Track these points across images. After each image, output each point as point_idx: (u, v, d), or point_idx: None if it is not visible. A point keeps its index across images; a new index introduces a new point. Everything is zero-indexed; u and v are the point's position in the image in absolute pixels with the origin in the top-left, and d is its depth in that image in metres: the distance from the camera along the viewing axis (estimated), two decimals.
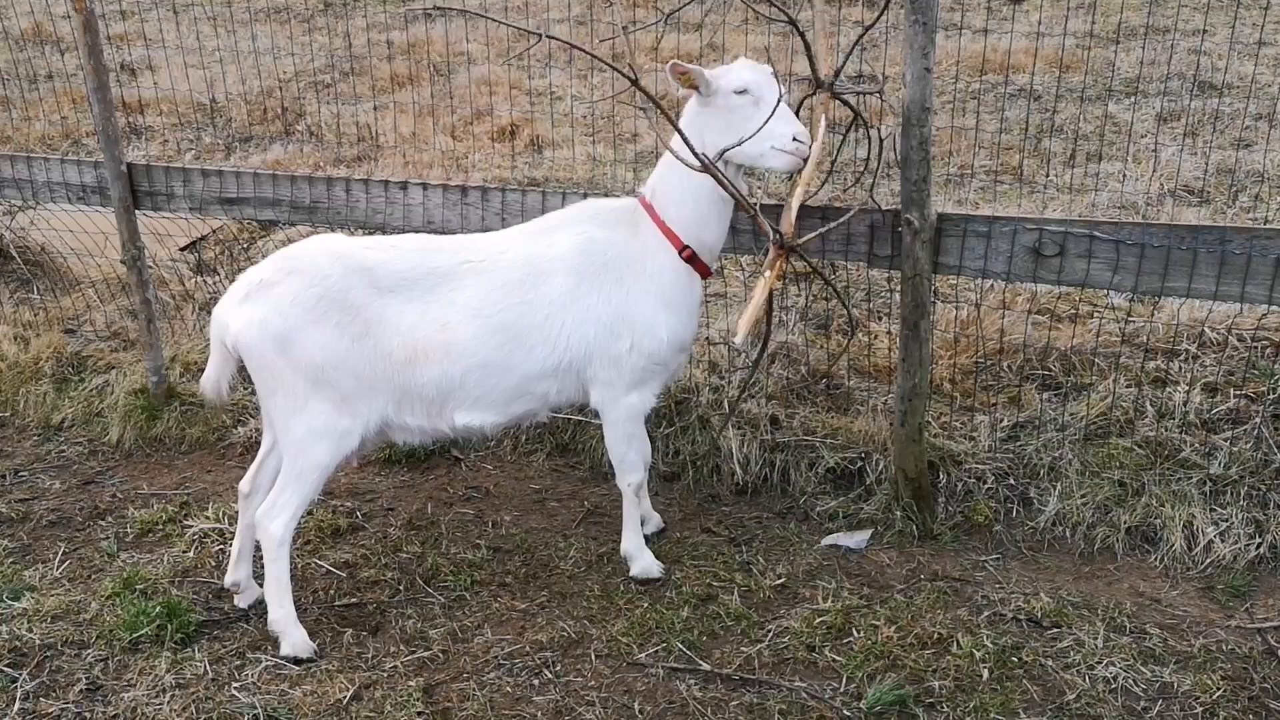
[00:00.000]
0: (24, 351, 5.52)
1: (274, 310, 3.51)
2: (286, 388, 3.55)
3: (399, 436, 3.78)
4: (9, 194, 5.36)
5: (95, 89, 4.75)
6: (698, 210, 3.72)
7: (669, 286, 3.74)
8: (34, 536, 4.35)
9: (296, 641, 3.63)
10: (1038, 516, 4.17)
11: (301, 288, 3.52)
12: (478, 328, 3.61)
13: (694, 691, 3.42)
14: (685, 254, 3.73)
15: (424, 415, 3.69)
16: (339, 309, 3.53)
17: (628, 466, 3.91)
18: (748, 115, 3.57)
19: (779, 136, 3.57)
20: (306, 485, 3.61)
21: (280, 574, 3.64)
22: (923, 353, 4.03)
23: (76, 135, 9.00)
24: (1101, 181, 6.36)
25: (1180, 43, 8.66)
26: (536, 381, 3.72)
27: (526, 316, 3.65)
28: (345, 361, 3.54)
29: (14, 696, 3.45)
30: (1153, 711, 3.28)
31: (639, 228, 3.77)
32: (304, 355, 3.51)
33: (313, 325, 3.51)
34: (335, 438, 3.59)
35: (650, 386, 3.83)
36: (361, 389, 3.58)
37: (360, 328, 3.55)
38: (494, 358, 3.64)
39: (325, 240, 3.71)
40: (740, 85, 3.58)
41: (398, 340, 3.58)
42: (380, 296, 3.58)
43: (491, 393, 3.68)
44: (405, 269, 3.62)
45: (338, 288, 3.53)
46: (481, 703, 3.39)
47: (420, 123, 8.53)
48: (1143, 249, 3.70)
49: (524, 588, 3.95)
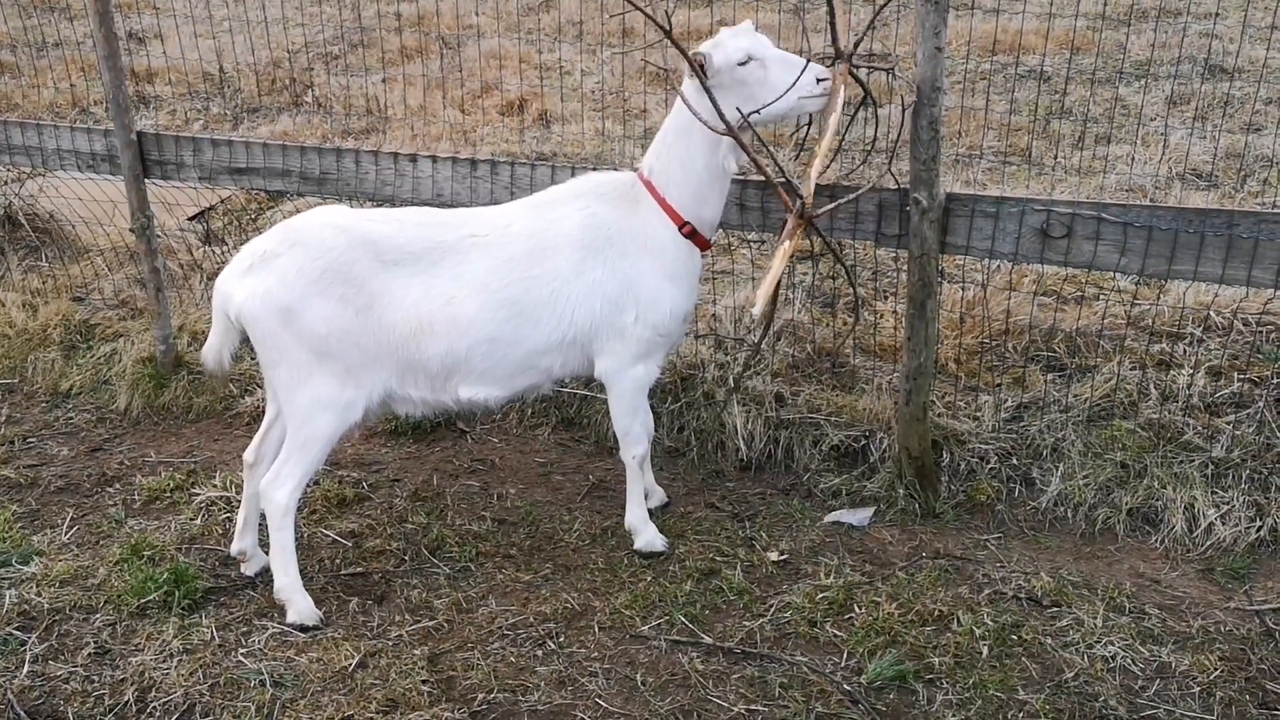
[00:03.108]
0: (32, 319, 5.54)
1: (278, 282, 3.51)
2: (290, 359, 3.57)
3: (402, 409, 3.80)
4: (19, 161, 5.37)
5: (106, 56, 4.75)
6: (698, 188, 3.74)
7: (671, 260, 3.77)
8: (42, 502, 4.38)
9: (302, 609, 3.67)
10: (1040, 497, 4.19)
11: (306, 260, 3.52)
12: (484, 302, 3.63)
13: (696, 664, 3.46)
14: (685, 230, 3.76)
15: (428, 388, 3.71)
16: (343, 282, 3.54)
17: (632, 439, 3.94)
18: (760, 79, 3.59)
19: (803, 86, 3.59)
20: (310, 456, 3.64)
21: (285, 542, 3.67)
22: (928, 332, 4.04)
23: (84, 103, 8.99)
24: (1110, 164, 6.35)
25: (1192, 26, 8.62)
26: (542, 355, 3.74)
27: (533, 291, 3.67)
28: (349, 334, 3.56)
29: (23, 659, 3.49)
30: (1150, 691, 3.31)
31: (639, 203, 3.78)
32: (308, 327, 3.52)
33: (317, 298, 3.52)
34: (339, 409, 3.61)
35: (655, 358, 3.86)
36: (365, 361, 3.60)
37: (364, 300, 3.56)
38: (500, 332, 3.65)
39: (329, 212, 3.71)
40: (742, 55, 3.58)
41: (401, 314, 3.60)
42: (385, 270, 3.59)
43: (497, 367, 3.70)
44: (409, 242, 3.63)
45: (342, 260, 3.54)
46: (485, 672, 3.43)
47: (428, 96, 8.52)
48: (1150, 231, 3.70)
49: (528, 560, 3.98)
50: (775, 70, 3.59)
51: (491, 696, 3.34)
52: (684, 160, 3.72)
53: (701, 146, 3.70)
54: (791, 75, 3.57)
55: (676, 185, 3.75)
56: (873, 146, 3.93)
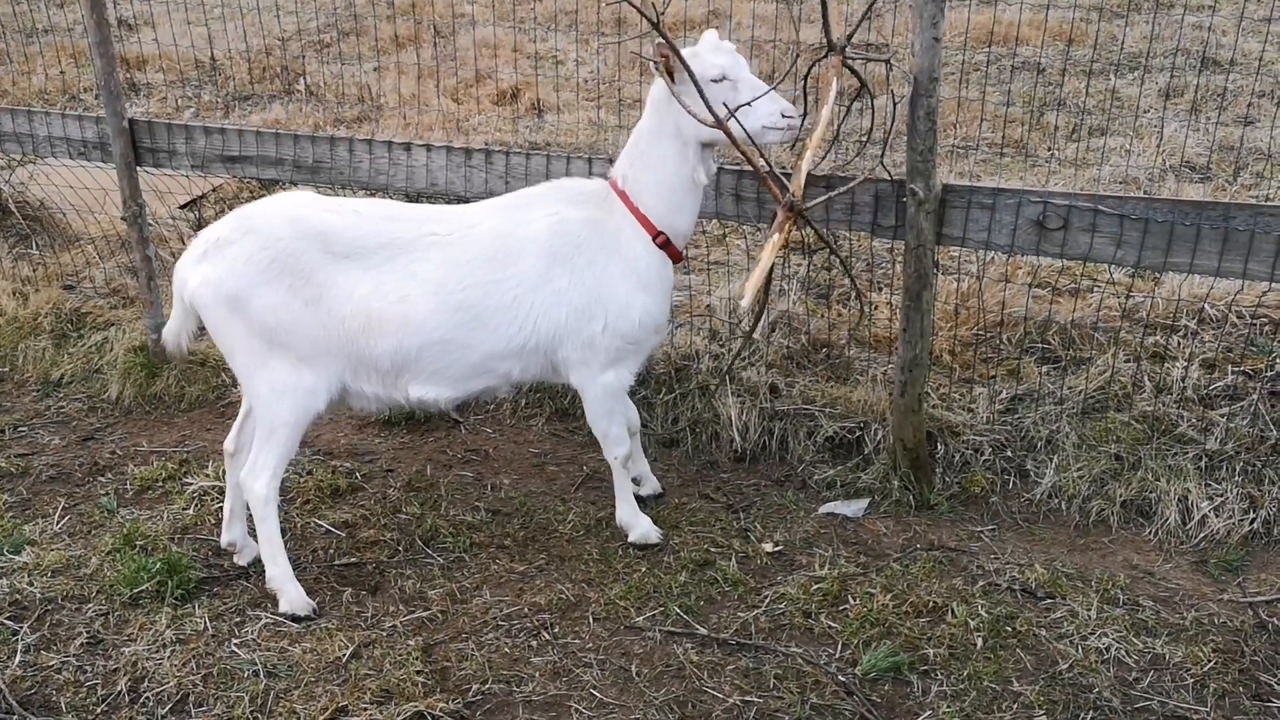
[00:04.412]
0: (23, 307, 5.51)
1: (228, 270, 3.50)
2: (244, 347, 3.57)
3: (357, 404, 3.76)
4: (9, 148, 5.32)
5: (98, 43, 4.71)
6: (672, 199, 3.70)
7: (644, 270, 3.71)
8: (34, 491, 4.36)
9: (294, 599, 3.66)
10: (1034, 488, 4.20)
11: (255, 249, 3.50)
12: (438, 303, 3.57)
13: (691, 655, 3.46)
14: (659, 240, 3.72)
15: (379, 384, 3.67)
16: (291, 272, 3.51)
17: (611, 441, 3.92)
18: (730, 100, 3.54)
19: (769, 116, 3.56)
20: (280, 443, 3.62)
21: (271, 533, 3.66)
22: (924, 324, 4.03)
23: (75, 90, 8.93)
24: (1104, 156, 6.35)
25: (1187, 18, 8.62)
26: (499, 360, 3.69)
27: (493, 296, 3.61)
28: (297, 325, 3.53)
29: (15, 649, 3.48)
30: (1144, 682, 3.32)
31: (612, 212, 3.73)
32: (256, 317, 3.51)
33: (265, 287, 3.49)
34: (299, 395, 3.59)
35: (627, 365, 3.81)
36: (317, 353, 3.57)
37: (312, 292, 3.53)
38: (454, 335, 3.60)
39: (286, 200, 3.68)
40: (717, 73, 3.54)
41: (350, 308, 3.55)
42: (334, 262, 3.54)
43: (450, 369, 3.65)
44: (363, 236, 3.58)
45: (289, 250, 3.51)
46: (480, 663, 3.42)
47: (421, 84, 8.48)
48: (1146, 224, 3.70)
49: (522, 550, 3.98)
50: (745, 94, 3.54)
51: (486, 687, 3.34)
52: (656, 168, 3.68)
53: (672, 154, 3.66)
54: (766, 103, 3.54)
55: (650, 194, 3.70)
56: (869, 138, 3.92)
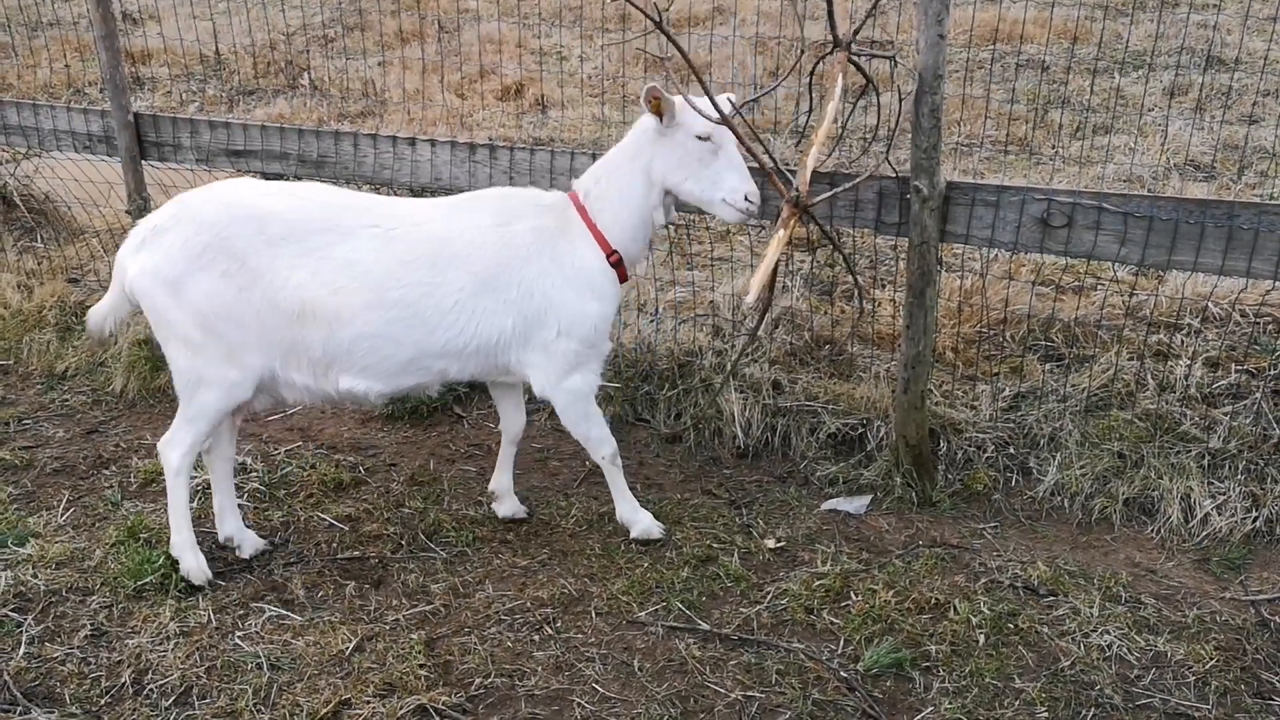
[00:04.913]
0: (28, 300, 5.52)
1: (164, 257, 3.51)
2: (177, 335, 3.58)
3: (288, 394, 3.73)
4: (15, 141, 5.34)
5: (103, 36, 4.72)
6: (630, 223, 3.69)
7: (597, 279, 3.69)
8: (38, 484, 4.37)
9: (191, 567, 3.73)
10: (1037, 486, 4.20)
11: (190, 234, 3.50)
12: (374, 299, 3.54)
13: (693, 650, 3.46)
14: (613, 259, 3.69)
15: (310, 374, 3.64)
16: (226, 257, 3.50)
17: (594, 443, 3.88)
18: (703, 160, 3.54)
19: (732, 191, 3.56)
20: (198, 427, 3.67)
21: (178, 502, 3.73)
22: (927, 321, 4.04)
23: (79, 84, 8.95)
24: (1108, 155, 6.35)
25: (1192, 16, 8.61)
26: (433, 359, 3.65)
27: (433, 297, 3.57)
28: (231, 311, 3.52)
29: (19, 640, 3.49)
30: (1146, 680, 3.32)
31: (568, 223, 3.71)
32: (191, 303, 3.51)
33: (200, 273, 3.49)
34: (225, 387, 3.60)
35: (591, 367, 3.76)
36: (249, 340, 3.56)
37: (246, 278, 3.51)
38: (387, 331, 3.57)
39: (224, 186, 3.68)
40: (704, 131, 3.54)
41: (285, 295, 3.52)
42: (269, 247, 3.51)
43: (381, 364, 3.62)
44: (300, 221, 3.55)
45: (223, 235, 3.50)
46: (483, 656, 3.43)
47: (425, 79, 8.48)
48: (1151, 222, 3.70)
49: (525, 545, 3.98)
50: (720, 164, 3.55)
51: (489, 681, 3.34)
52: (623, 193, 3.67)
53: (639, 188, 3.66)
54: (734, 177, 3.56)
55: (609, 215, 3.69)
56: (875, 135, 3.92)
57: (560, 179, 4.39)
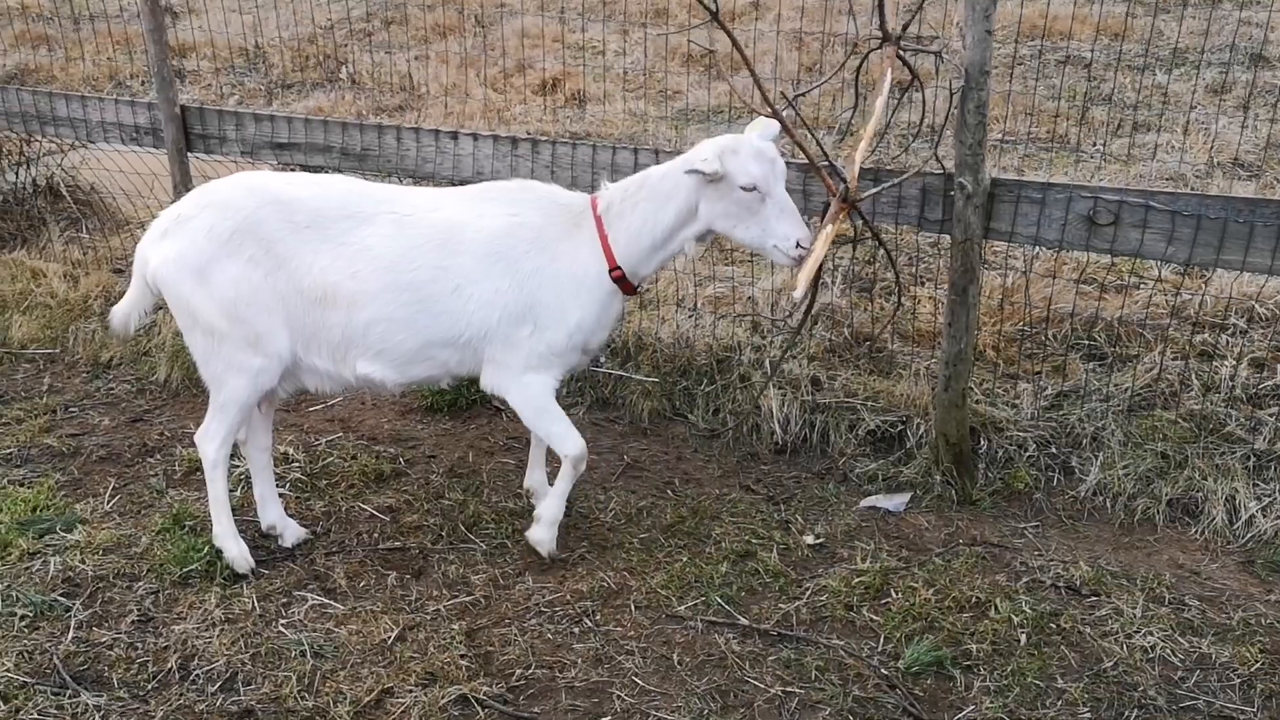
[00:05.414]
0: (74, 289, 5.59)
1: (189, 244, 3.54)
2: (204, 324, 3.60)
3: (310, 381, 3.77)
4: (64, 133, 5.40)
5: (151, 29, 4.77)
6: (643, 248, 3.63)
7: (588, 290, 3.64)
8: (84, 471, 4.43)
9: (234, 556, 3.77)
10: (1078, 485, 4.18)
11: (216, 220, 3.54)
12: (388, 282, 3.57)
13: (732, 645, 3.47)
14: (615, 274, 3.64)
15: (330, 359, 3.68)
16: (252, 242, 3.54)
17: (557, 440, 3.74)
18: (751, 209, 3.47)
19: (784, 239, 3.49)
20: (230, 416, 3.70)
21: (217, 494, 3.77)
22: (970, 318, 4.02)
23: (120, 77, 9.04)
24: (1150, 153, 6.29)
25: (1233, 14, 8.51)
26: (439, 349, 3.66)
27: (438, 281, 3.59)
28: (258, 296, 3.55)
29: (68, 625, 3.54)
30: (1190, 681, 3.30)
31: (579, 228, 3.67)
32: (218, 290, 3.54)
33: (227, 259, 3.53)
34: (251, 374, 3.62)
35: (550, 370, 3.70)
36: (274, 326, 3.59)
37: (272, 262, 3.55)
38: (398, 315, 3.59)
39: (248, 175, 3.72)
40: (749, 183, 3.44)
41: (309, 280, 3.57)
42: (295, 233, 3.56)
43: (393, 350, 3.64)
44: (323, 208, 3.59)
45: (250, 220, 3.54)
46: (523, 648, 3.45)
47: (461, 74, 8.51)
48: (1199, 220, 3.67)
49: (564, 538, 3.99)
50: (769, 211, 3.47)
51: (529, 672, 3.36)
52: (646, 223, 3.60)
53: (669, 224, 3.59)
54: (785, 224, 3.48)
55: (626, 234, 3.62)
56: (919, 131, 3.90)
57: (601, 174, 4.40)
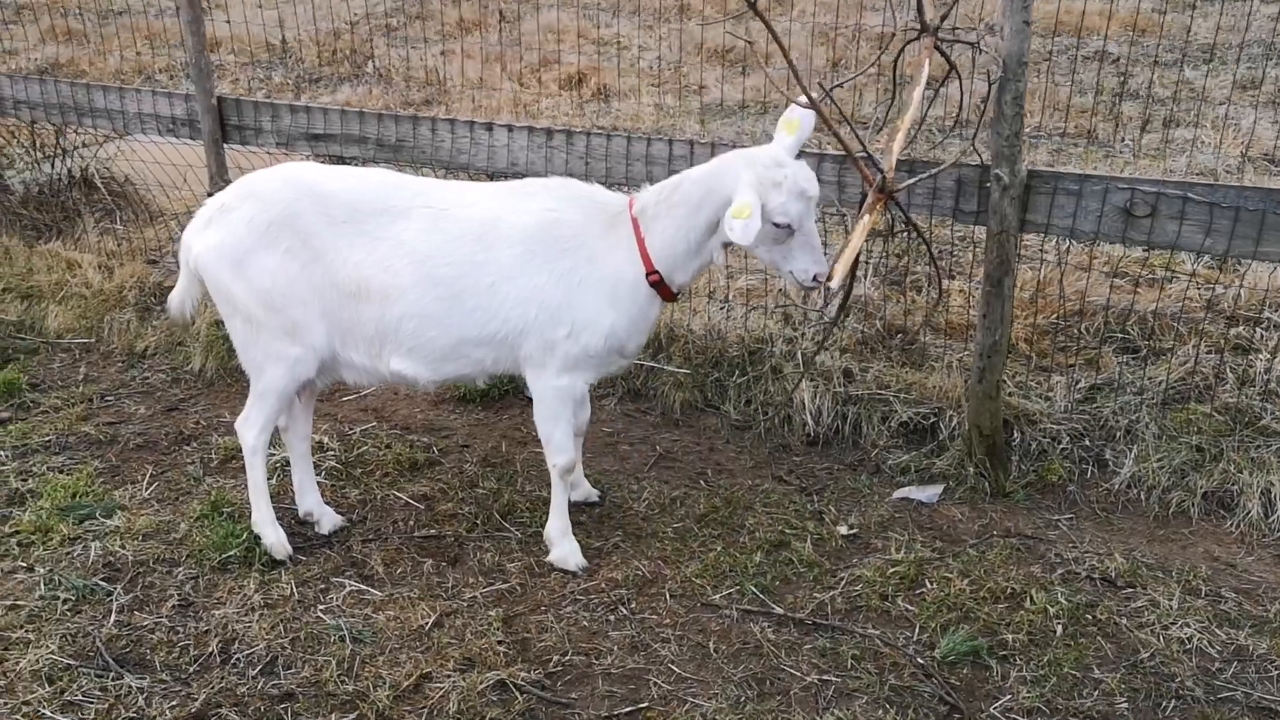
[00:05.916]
0: (109, 280, 5.64)
1: (229, 233, 3.59)
2: (242, 312, 3.64)
3: (348, 375, 3.79)
4: (101, 124, 5.45)
5: (189, 21, 4.81)
6: (678, 254, 3.57)
7: (625, 292, 3.59)
8: (122, 459, 4.47)
9: (272, 542, 3.82)
10: (1113, 478, 4.17)
11: (256, 211, 3.58)
12: (421, 276, 3.56)
13: (768, 634, 3.48)
14: (652, 278, 3.60)
15: (365, 353, 3.68)
16: (290, 234, 3.57)
17: (554, 447, 3.74)
18: (778, 238, 3.44)
19: (803, 271, 3.48)
20: (269, 403, 3.74)
21: (256, 480, 3.81)
22: (1004, 310, 4.02)
23: (150, 71, 9.10)
24: (1179, 147, 6.27)
25: (1260, 9, 8.47)
26: (472, 347, 3.63)
27: (471, 276, 3.56)
28: (294, 287, 3.59)
29: (110, 609, 3.58)
30: (1227, 673, 3.29)
31: (616, 230, 3.62)
32: (255, 280, 3.58)
33: (264, 250, 3.57)
34: (288, 363, 3.66)
35: (583, 373, 3.68)
36: (310, 318, 3.62)
37: (309, 255, 3.58)
38: (431, 310, 3.58)
39: (289, 167, 3.76)
40: (785, 222, 3.40)
41: (345, 273, 3.59)
42: (331, 226, 3.59)
43: (426, 346, 3.63)
44: (359, 201, 3.61)
45: (289, 213, 3.57)
46: (560, 634, 3.47)
47: (487, 68, 8.54)
48: (1238, 212, 3.66)
49: (598, 527, 4.02)
50: (795, 243, 3.45)
51: (566, 658, 3.39)
52: (680, 230, 3.54)
53: (703, 226, 3.53)
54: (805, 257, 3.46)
55: (660, 242, 3.57)
56: (957, 122, 3.90)
57: (635, 164, 4.42)
